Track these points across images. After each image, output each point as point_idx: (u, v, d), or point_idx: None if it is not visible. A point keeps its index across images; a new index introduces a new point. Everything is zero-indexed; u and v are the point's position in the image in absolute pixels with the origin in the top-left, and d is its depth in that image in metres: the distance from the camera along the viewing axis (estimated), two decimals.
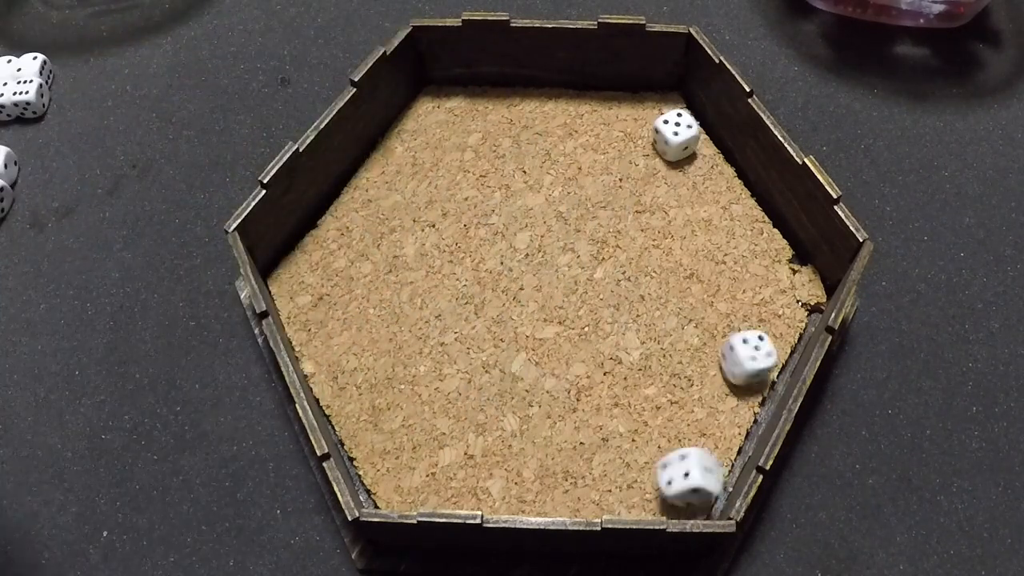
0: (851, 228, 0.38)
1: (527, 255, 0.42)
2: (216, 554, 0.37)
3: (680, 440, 0.37)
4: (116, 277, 0.44)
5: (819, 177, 0.39)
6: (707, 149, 0.45)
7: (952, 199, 0.45)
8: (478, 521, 0.31)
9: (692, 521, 0.32)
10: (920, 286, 0.43)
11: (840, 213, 0.38)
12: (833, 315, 0.36)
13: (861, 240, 0.37)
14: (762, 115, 0.41)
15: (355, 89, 0.43)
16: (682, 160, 0.45)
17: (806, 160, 0.39)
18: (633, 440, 0.37)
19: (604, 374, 0.39)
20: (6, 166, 0.47)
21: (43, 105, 0.50)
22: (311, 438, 0.34)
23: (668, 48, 0.45)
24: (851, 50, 0.51)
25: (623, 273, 0.42)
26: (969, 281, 0.43)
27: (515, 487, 0.36)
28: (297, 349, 0.40)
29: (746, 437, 0.37)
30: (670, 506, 0.35)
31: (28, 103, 0.49)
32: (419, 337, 0.40)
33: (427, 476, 0.37)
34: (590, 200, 0.44)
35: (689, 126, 0.44)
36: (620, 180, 0.44)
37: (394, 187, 0.45)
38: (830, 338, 0.36)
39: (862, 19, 0.52)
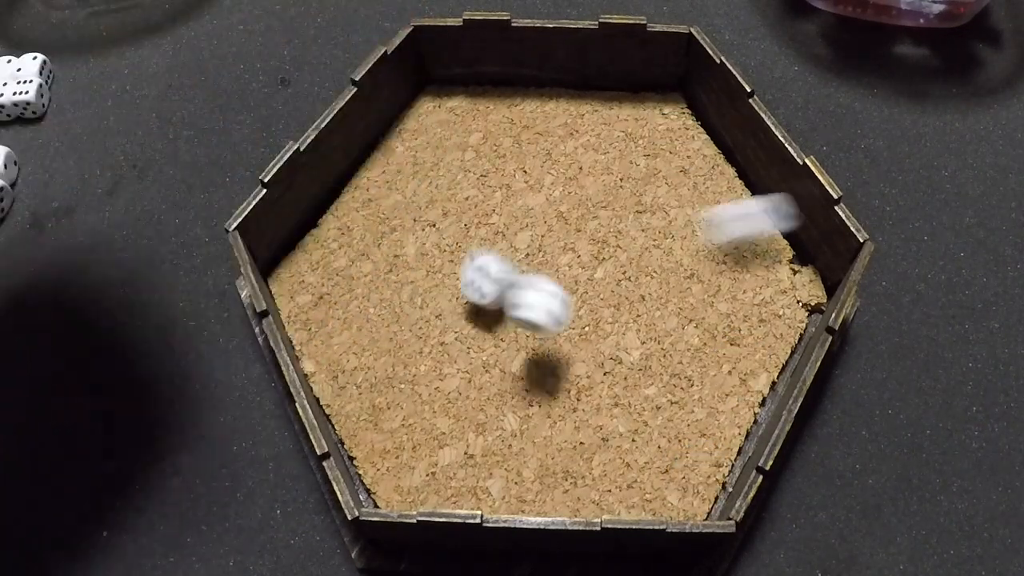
0: (851, 228, 0.38)
1: (527, 255, 0.42)
2: (216, 554, 0.37)
3: (680, 440, 0.37)
4: (116, 277, 0.44)
5: (819, 177, 0.39)
6: (707, 149, 0.45)
7: (952, 199, 0.45)
8: (478, 521, 0.31)
9: (692, 521, 0.32)
10: (920, 286, 0.43)
11: (840, 213, 0.38)
12: (833, 315, 0.36)
13: (861, 240, 0.37)
14: (763, 115, 0.41)
15: (356, 88, 0.43)
16: (683, 160, 0.45)
17: (807, 160, 0.39)
18: (633, 440, 0.37)
19: (604, 374, 0.39)
20: (6, 166, 0.47)
21: (43, 105, 0.50)
22: (311, 437, 0.33)
23: (669, 48, 0.45)
24: (851, 50, 0.51)
25: (623, 273, 0.42)
26: (969, 281, 0.43)
27: (515, 487, 0.36)
28: (297, 348, 0.40)
29: (746, 437, 0.37)
30: (670, 506, 0.35)
31: (28, 103, 0.49)
32: (419, 336, 0.40)
33: (427, 476, 0.37)
34: (591, 200, 0.44)
35: None
36: (621, 180, 0.44)
37: (395, 186, 0.45)
38: (830, 338, 0.36)
39: (862, 19, 0.52)
